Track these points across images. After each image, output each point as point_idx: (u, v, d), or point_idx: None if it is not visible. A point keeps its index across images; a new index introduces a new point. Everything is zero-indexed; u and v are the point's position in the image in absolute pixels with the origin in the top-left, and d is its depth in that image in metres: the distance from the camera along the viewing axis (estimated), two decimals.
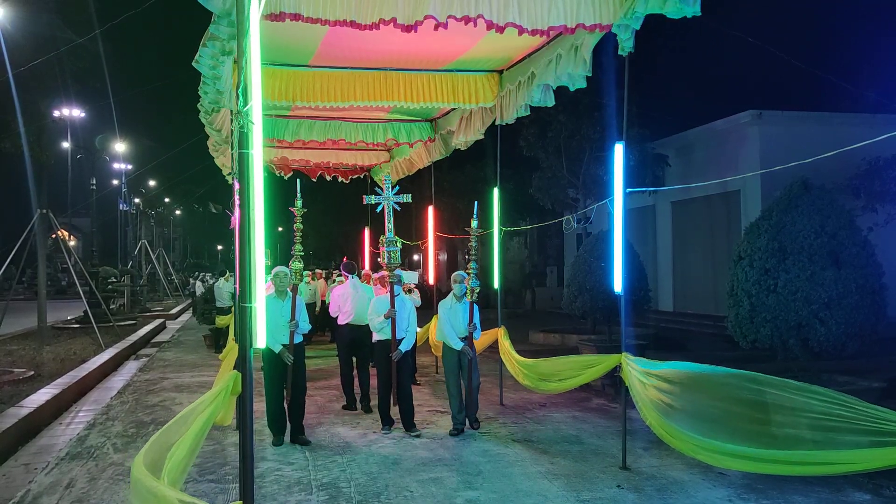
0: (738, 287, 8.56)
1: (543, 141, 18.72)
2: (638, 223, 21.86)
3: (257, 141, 3.76)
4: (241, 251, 3.98)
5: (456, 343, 8.39)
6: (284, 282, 8.22)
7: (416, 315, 8.93)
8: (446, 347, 8.54)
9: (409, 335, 8.54)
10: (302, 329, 8.23)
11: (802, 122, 18.38)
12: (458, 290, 8.55)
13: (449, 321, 8.46)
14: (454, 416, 8.45)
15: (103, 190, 33.46)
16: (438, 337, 8.73)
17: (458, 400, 8.41)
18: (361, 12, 6.12)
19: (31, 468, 7.29)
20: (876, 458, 4.29)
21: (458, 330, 8.46)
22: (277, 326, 7.96)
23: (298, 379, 8.16)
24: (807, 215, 8.22)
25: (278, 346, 7.99)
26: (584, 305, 13.96)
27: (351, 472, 6.91)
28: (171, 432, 4.15)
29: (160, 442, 4.03)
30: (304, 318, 8.27)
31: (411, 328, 8.59)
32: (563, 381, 7.84)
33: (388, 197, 8.94)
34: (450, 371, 8.52)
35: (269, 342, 7.66)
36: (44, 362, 13.51)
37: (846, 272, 7.95)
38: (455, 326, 8.46)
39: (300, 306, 8.23)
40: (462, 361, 8.45)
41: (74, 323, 21.33)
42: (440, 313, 8.63)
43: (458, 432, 8.28)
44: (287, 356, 7.98)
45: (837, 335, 7.87)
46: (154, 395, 11.17)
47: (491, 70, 9.22)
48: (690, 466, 6.79)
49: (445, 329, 8.44)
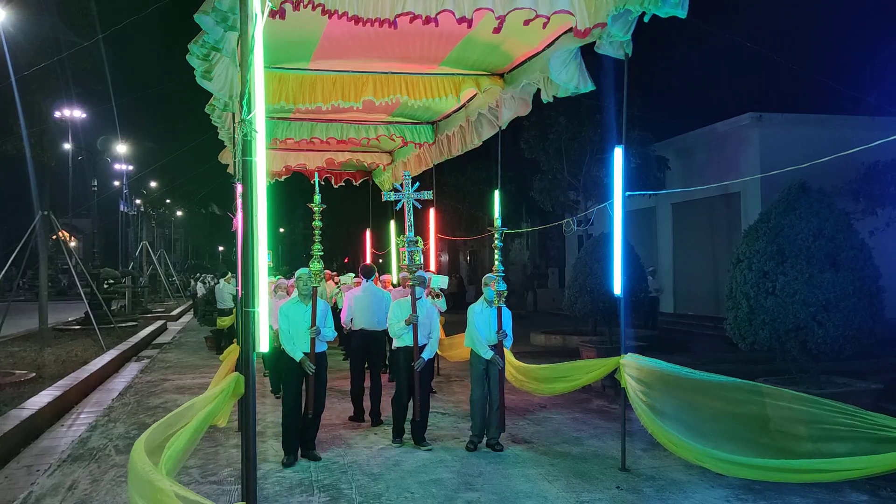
0: (737, 289, 8.60)
1: (544, 143, 18.76)
2: (639, 225, 21.89)
3: (261, 149, 3.80)
4: (243, 258, 4.02)
5: (485, 352, 7.80)
6: (309, 284, 7.56)
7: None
8: (474, 355, 7.96)
9: (432, 342, 7.99)
10: (325, 336, 7.56)
11: (802, 125, 18.44)
12: (489, 294, 7.95)
13: (478, 327, 7.89)
14: (473, 428, 7.92)
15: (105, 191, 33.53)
16: (467, 343, 8.10)
17: (482, 414, 7.86)
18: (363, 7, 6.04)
19: (33, 470, 7.32)
20: (874, 465, 4.29)
21: (487, 337, 7.89)
22: (299, 333, 7.45)
23: (320, 391, 7.58)
24: (805, 218, 8.25)
25: (299, 353, 7.41)
26: (584, 307, 13.99)
27: (352, 473, 6.94)
28: (169, 425, 4.20)
29: (158, 432, 4.08)
30: (328, 324, 7.63)
31: (434, 334, 8.03)
32: (561, 383, 7.85)
33: (409, 194, 8.48)
34: (476, 381, 7.92)
35: (289, 350, 7.40)
36: (45, 364, 13.54)
37: (844, 275, 7.98)
38: (485, 333, 7.90)
39: (324, 311, 7.60)
40: (490, 371, 7.89)
41: (76, 324, 21.34)
42: (470, 318, 7.97)
43: (475, 446, 7.77)
44: (308, 366, 7.38)
45: (835, 337, 7.90)
46: (156, 397, 11.21)
47: (492, 72, 9.25)
48: (689, 468, 6.82)
49: (475, 336, 7.88)
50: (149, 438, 3.94)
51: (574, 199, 19.68)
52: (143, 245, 40.76)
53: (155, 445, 3.87)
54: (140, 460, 3.64)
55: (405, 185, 8.53)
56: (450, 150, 11.70)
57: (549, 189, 19.43)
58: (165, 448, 3.86)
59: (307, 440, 7.54)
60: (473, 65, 8.99)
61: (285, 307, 7.65)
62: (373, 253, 18.39)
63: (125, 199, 37.62)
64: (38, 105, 17.40)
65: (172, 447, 3.91)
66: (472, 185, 27.36)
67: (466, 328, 8.02)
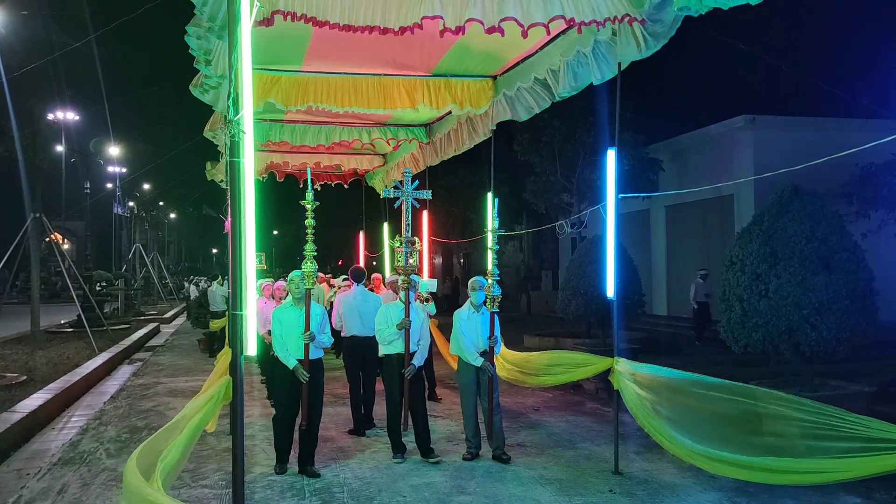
0: (730, 292, 8.60)
1: (537, 145, 18.76)
2: (632, 227, 21.92)
3: (248, 150, 3.78)
4: (231, 259, 4.00)
5: (474, 359, 7.44)
6: (301, 287, 7.05)
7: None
8: (462, 363, 7.60)
9: (422, 348, 7.66)
10: (320, 342, 7.17)
11: (796, 127, 18.49)
12: (477, 299, 7.59)
13: (466, 333, 7.53)
14: (469, 439, 7.61)
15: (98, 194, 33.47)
16: (453, 350, 7.77)
17: (474, 422, 7.56)
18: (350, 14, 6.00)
19: (24, 473, 7.27)
20: (865, 466, 4.30)
21: (476, 343, 7.52)
22: (293, 339, 7.00)
23: (315, 401, 7.11)
24: (797, 220, 8.26)
25: (293, 361, 6.96)
26: (578, 309, 14.00)
27: (344, 476, 6.91)
28: (162, 438, 4.18)
29: (152, 446, 4.05)
30: (325, 329, 7.26)
31: (423, 340, 7.72)
32: (553, 376, 7.83)
33: (408, 192, 8.11)
34: (465, 389, 7.60)
35: (282, 356, 6.99)
36: (37, 367, 13.48)
37: (837, 277, 7.99)
38: (473, 339, 7.53)
39: (318, 315, 7.17)
40: (480, 379, 7.55)
41: (68, 327, 21.28)
42: (456, 324, 7.60)
43: (473, 456, 7.49)
44: (302, 374, 6.91)
45: (828, 340, 7.90)
46: (148, 400, 11.16)
47: (485, 75, 9.24)
48: (682, 471, 6.82)
49: (462, 342, 7.50)
50: (141, 454, 3.90)
51: (567, 201, 19.68)
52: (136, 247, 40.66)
53: (148, 463, 3.83)
54: (133, 476, 3.60)
55: (405, 182, 8.16)
56: (444, 152, 11.68)
57: (542, 191, 19.43)
58: (159, 461, 3.83)
59: (305, 455, 7.08)
60: (466, 69, 8.99)
61: (278, 311, 7.29)
62: (366, 255, 18.36)
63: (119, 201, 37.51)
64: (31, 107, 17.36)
65: (167, 459, 3.88)
66: (466, 188, 27.34)
67: (452, 334, 7.72)
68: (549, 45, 7.84)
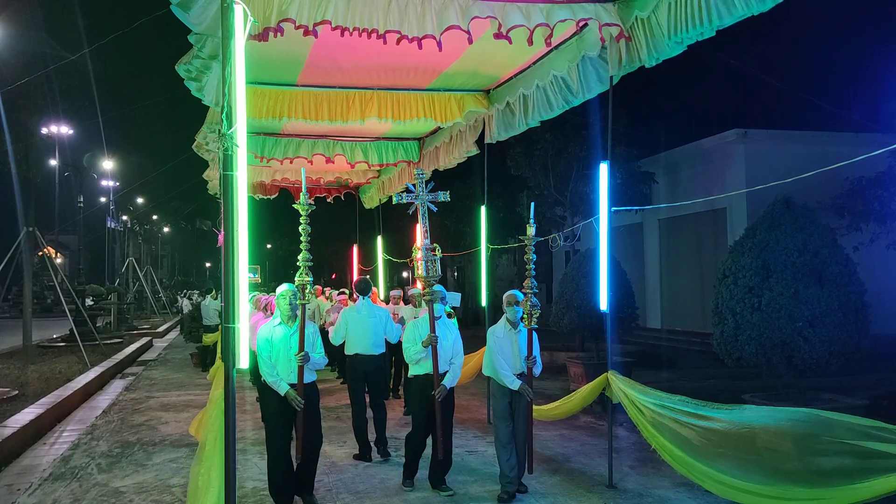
0: (723, 305, 8.61)
1: (530, 159, 18.81)
2: (626, 241, 21.98)
3: (242, 163, 3.80)
4: (224, 272, 4.00)
5: (511, 381, 6.57)
6: (295, 303, 6.34)
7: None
8: (496, 386, 6.77)
9: (454, 368, 6.87)
10: (314, 364, 6.35)
11: (787, 141, 18.62)
12: (513, 315, 6.72)
13: (501, 353, 6.66)
14: (503, 475, 6.62)
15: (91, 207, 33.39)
16: (487, 372, 6.91)
17: (510, 451, 6.61)
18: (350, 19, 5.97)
19: (14, 489, 7.22)
20: (867, 490, 4.18)
21: (513, 365, 6.65)
22: (283, 361, 6.23)
23: (311, 430, 6.31)
24: (789, 234, 8.29)
25: (284, 386, 6.16)
26: (571, 323, 13.96)
27: (337, 491, 6.88)
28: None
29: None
30: (317, 349, 6.40)
31: (456, 359, 6.90)
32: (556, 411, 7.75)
33: (422, 196, 7.27)
34: (500, 416, 6.69)
35: (271, 382, 6.19)
36: (28, 381, 13.41)
37: (829, 290, 8.00)
38: (509, 360, 6.65)
39: (310, 334, 6.36)
40: (517, 404, 6.69)
41: (60, 341, 21.16)
42: (490, 343, 6.78)
43: (510, 496, 6.54)
44: (296, 400, 6.16)
45: (821, 352, 7.91)
46: (140, 415, 11.11)
47: (478, 89, 9.29)
48: (676, 485, 6.81)
49: (497, 363, 6.63)
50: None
51: (561, 214, 19.73)
52: (129, 261, 40.52)
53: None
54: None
55: (419, 185, 7.30)
56: (437, 163, 11.68)
57: (535, 205, 19.45)
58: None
59: (304, 481, 6.44)
60: (462, 84, 9.04)
61: (266, 329, 6.42)
62: (360, 269, 18.32)
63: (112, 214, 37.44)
64: (25, 121, 17.36)
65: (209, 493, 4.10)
66: (459, 201, 27.28)
67: (485, 354, 6.95)
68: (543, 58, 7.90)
